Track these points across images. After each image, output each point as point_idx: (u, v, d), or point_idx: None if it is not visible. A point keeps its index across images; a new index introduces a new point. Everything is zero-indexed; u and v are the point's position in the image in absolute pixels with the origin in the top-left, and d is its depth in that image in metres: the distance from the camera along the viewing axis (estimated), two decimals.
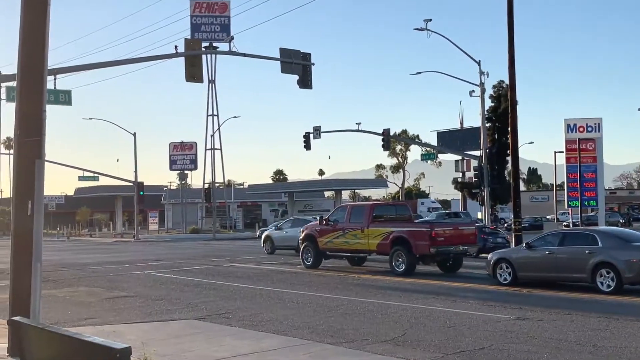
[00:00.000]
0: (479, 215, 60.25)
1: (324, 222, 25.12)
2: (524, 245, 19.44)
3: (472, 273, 23.25)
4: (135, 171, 64.41)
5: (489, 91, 58.25)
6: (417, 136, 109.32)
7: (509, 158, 64.12)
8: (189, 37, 63.83)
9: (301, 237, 26.41)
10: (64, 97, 26.92)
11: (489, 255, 20.21)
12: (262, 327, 13.27)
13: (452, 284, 19.98)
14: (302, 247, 26.00)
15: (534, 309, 14.87)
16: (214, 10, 66.61)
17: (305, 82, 26.79)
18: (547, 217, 72.90)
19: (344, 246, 24.46)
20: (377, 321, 13.75)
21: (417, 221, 26.02)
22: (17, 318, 8.08)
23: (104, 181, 75.86)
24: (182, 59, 23.92)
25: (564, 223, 55.23)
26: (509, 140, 64.54)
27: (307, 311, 15.25)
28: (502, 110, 59.61)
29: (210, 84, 68.82)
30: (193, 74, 24.39)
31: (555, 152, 45.82)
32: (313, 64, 26.85)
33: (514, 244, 31.67)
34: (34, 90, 10.74)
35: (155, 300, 17.53)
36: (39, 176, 10.72)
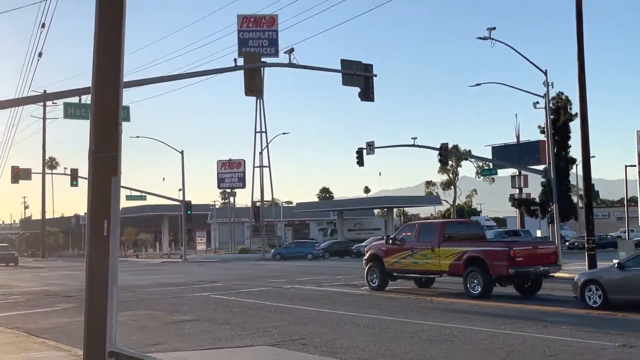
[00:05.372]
0: (538, 233, 58.44)
1: (391, 241, 24.07)
2: (615, 265, 18.10)
3: (551, 295, 21.93)
4: (183, 190, 64.22)
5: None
6: (469, 151, 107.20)
7: (571, 172, 62.68)
8: (236, 52, 63.74)
9: (366, 257, 25.38)
10: (123, 114, 26.28)
11: (576, 277, 18.92)
12: (343, 355, 12.30)
13: (536, 308, 18.71)
14: (366, 268, 24.94)
15: (638, 335, 13.62)
16: (261, 25, 66.22)
17: (367, 94, 25.85)
18: (611, 234, 70.61)
19: (413, 266, 23.33)
20: (467, 348, 12.67)
21: (492, 240, 24.75)
22: (116, 349, 7.35)
23: (149, 200, 75.74)
24: (227, 75, 23.27)
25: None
26: (569, 155, 62.38)
27: (387, 337, 14.23)
28: (562, 123, 58.04)
29: (258, 100, 68.45)
30: (252, 88, 23.69)
31: (625, 166, 44.09)
32: (375, 76, 25.93)
33: (587, 264, 30.13)
34: (109, 103, 10.03)
35: (222, 325, 16.69)
36: (116, 194, 9.93)
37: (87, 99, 23.51)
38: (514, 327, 15.15)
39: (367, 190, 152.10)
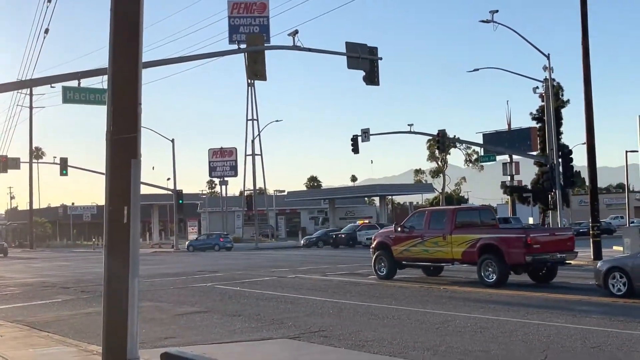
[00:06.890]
0: (531, 221, 58.00)
1: (399, 229, 23.38)
2: None
3: (566, 282, 21.32)
4: (174, 179, 63.37)
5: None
6: (458, 138, 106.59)
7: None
8: (227, 39, 62.90)
9: (373, 246, 24.67)
10: None
11: (598, 264, 18.29)
12: (372, 348, 11.62)
13: (557, 296, 18.05)
14: (374, 257, 24.23)
15: None
16: (252, 11, 65.07)
17: (372, 78, 25.08)
18: (602, 221, 70.89)
19: (423, 255, 22.63)
20: (502, 341, 12.01)
21: (507, 227, 24.07)
22: (171, 351, 6.72)
23: None
24: (218, 62, 22.49)
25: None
26: (562, 142, 62.35)
27: (412, 328, 13.55)
28: (554, 110, 57.66)
29: (249, 88, 67.57)
30: (256, 71, 22.91)
31: (626, 152, 43.73)
32: (381, 59, 25.12)
33: (592, 250, 29.65)
34: (129, 80, 9.25)
35: (233, 316, 15.99)
36: (136, 178, 9.21)
37: (86, 82, 22.61)
38: (541, 316, 14.53)
39: (354, 178, 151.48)
